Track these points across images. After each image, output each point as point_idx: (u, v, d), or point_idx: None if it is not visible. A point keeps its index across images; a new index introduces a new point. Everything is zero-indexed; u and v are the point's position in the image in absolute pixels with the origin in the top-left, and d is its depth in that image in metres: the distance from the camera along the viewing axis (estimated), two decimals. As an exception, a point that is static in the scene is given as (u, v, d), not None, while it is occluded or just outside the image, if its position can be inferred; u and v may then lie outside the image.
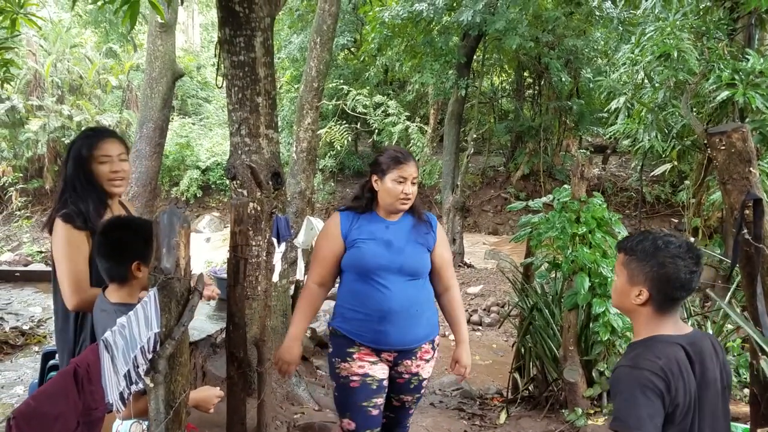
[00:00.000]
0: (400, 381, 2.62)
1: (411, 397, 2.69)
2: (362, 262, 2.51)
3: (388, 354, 2.55)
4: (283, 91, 17.17)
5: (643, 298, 1.68)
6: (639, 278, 1.69)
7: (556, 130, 17.45)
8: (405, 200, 2.53)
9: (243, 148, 3.64)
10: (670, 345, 1.64)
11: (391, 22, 11.68)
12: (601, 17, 12.42)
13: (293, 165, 8.75)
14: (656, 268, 1.66)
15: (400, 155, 2.55)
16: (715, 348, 1.73)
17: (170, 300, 1.65)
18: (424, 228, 2.61)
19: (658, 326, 1.69)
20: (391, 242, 2.53)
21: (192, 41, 26.49)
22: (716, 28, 5.90)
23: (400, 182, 2.51)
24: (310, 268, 2.69)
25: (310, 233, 4.29)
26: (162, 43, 9.76)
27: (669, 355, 1.61)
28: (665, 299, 1.67)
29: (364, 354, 2.55)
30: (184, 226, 1.68)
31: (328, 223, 2.66)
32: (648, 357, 1.61)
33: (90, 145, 2.44)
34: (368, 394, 2.57)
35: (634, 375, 1.59)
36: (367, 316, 2.51)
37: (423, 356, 2.60)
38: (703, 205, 6.87)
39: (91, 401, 1.50)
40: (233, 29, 3.54)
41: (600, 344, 4.20)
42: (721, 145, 2.02)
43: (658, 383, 1.56)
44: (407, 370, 2.59)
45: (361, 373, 2.55)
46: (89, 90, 17.57)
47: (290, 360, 2.66)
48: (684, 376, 1.60)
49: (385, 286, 2.48)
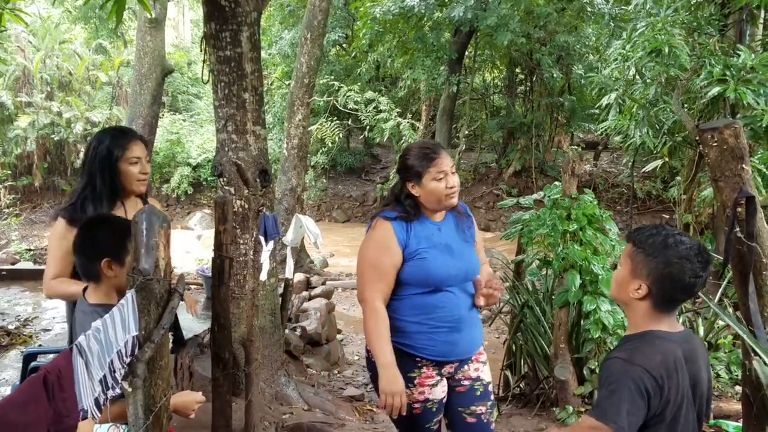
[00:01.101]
0: (460, 389, 2.41)
1: (484, 407, 2.42)
2: (430, 274, 2.30)
3: (450, 366, 2.37)
4: (274, 87, 17.10)
5: (642, 293, 1.64)
6: (642, 272, 1.64)
7: (548, 127, 17.45)
8: (452, 194, 2.33)
9: (230, 145, 3.59)
10: (666, 341, 1.62)
11: (383, 17, 11.64)
12: (593, 13, 12.44)
13: (284, 162, 8.69)
14: (661, 266, 1.61)
15: (429, 150, 2.34)
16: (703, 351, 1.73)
17: (149, 302, 1.61)
18: (467, 222, 2.46)
19: (655, 322, 1.66)
20: (450, 247, 2.35)
21: (182, 37, 26.30)
22: (707, 23, 5.89)
23: (440, 178, 2.30)
24: (367, 283, 2.34)
25: (299, 231, 4.25)
26: (151, 39, 9.67)
27: (667, 352, 1.59)
28: (664, 299, 1.64)
29: (425, 377, 2.34)
30: (164, 226, 1.64)
31: (379, 233, 2.35)
32: (645, 352, 1.59)
33: (123, 147, 2.51)
34: (429, 418, 2.40)
35: (627, 369, 1.56)
36: (436, 327, 2.30)
37: (478, 358, 2.45)
38: (694, 201, 6.87)
39: (62, 408, 1.45)
40: (219, 24, 3.48)
41: (591, 342, 4.18)
42: (713, 142, 1.99)
43: (649, 384, 1.53)
44: (465, 376, 2.41)
45: (422, 400, 2.34)
46: (79, 86, 17.45)
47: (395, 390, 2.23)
48: (678, 373, 1.58)
49: (453, 294, 2.33)
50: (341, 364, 6.08)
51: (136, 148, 2.54)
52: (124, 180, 2.53)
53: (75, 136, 16.38)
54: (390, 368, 2.25)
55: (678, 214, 7.22)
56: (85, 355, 1.49)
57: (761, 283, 2.06)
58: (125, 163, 2.51)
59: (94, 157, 2.50)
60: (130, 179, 2.54)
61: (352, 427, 4.14)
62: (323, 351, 5.78)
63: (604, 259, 4.19)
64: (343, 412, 4.46)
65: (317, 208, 18.57)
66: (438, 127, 13.47)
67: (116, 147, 2.50)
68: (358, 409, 4.66)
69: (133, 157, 2.52)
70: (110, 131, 2.59)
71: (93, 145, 2.53)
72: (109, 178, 2.49)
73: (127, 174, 2.53)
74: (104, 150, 2.49)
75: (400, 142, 15.07)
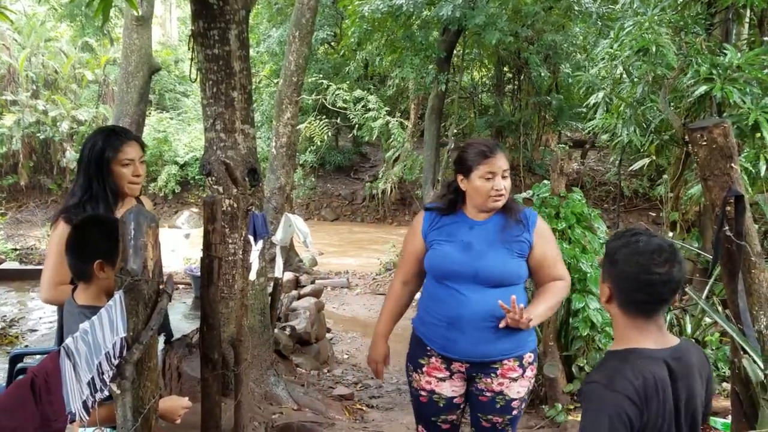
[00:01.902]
0: (482, 399, 2.38)
1: (501, 419, 2.40)
2: (434, 264, 2.37)
3: (460, 365, 2.35)
4: (263, 86, 17.04)
5: (605, 296, 1.60)
6: (605, 276, 1.61)
7: (536, 125, 17.51)
8: (497, 197, 2.30)
9: (218, 144, 3.56)
10: (651, 361, 1.54)
11: (371, 16, 11.61)
12: (580, 12, 12.46)
13: (272, 160, 8.66)
14: (617, 265, 1.56)
15: (485, 148, 2.32)
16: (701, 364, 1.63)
17: (138, 303, 1.59)
18: (518, 229, 2.33)
19: (636, 336, 1.57)
20: (472, 245, 2.31)
21: (169, 35, 26.15)
22: (694, 22, 5.92)
23: (488, 178, 2.28)
24: (398, 267, 2.62)
25: (289, 230, 4.23)
26: (138, 37, 9.59)
27: (647, 374, 1.51)
28: (627, 301, 1.56)
29: (433, 368, 2.40)
30: (152, 226, 1.62)
31: (414, 223, 2.52)
32: (625, 375, 1.51)
33: (115, 148, 2.46)
34: (436, 411, 2.46)
35: (607, 397, 1.49)
36: (438, 320, 2.35)
37: (506, 374, 2.33)
38: (681, 199, 6.91)
39: (50, 412, 1.44)
40: (207, 22, 3.45)
41: (580, 340, 4.21)
42: (702, 141, 2.00)
43: (630, 410, 1.47)
44: (488, 388, 2.35)
45: (428, 389, 2.42)
46: (64, 84, 17.32)
47: (375, 358, 2.54)
48: (660, 395, 1.51)
49: (459, 292, 2.30)
50: (331, 363, 6.07)
51: (129, 149, 2.49)
52: (116, 181, 2.49)
53: (61, 135, 16.24)
54: (377, 337, 2.56)
55: (665, 212, 7.27)
56: (72, 358, 1.47)
57: (750, 282, 2.07)
58: (117, 164, 2.46)
59: (90, 158, 2.46)
60: (122, 181, 2.49)
61: (342, 427, 4.13)
62: (313, 350, 5.77)
63: (593, 257, 4.21)
64: (332, 411, 4.45)
65: (306, 206, 18.53)
66: (427, 126, 13.47)
67: (108, 148, 2.45)
68: (348, 408, 4.65)
69: (126, 158, 2.47)
70: (104, 132, 2.54)
71: (88, 146, 2.49)
72: (104, 180, 2.46)
73: (119, 175, 2.48)
74: (98, 151, 2.45)
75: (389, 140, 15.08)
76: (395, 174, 16.16)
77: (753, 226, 2.11)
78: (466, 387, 2.44)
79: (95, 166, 2.45)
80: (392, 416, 4.53)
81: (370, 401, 5.04)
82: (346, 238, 16.20)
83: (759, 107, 4.75)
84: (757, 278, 2.07)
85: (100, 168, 2.45)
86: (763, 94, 4.99)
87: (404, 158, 15.42)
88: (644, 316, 1.56)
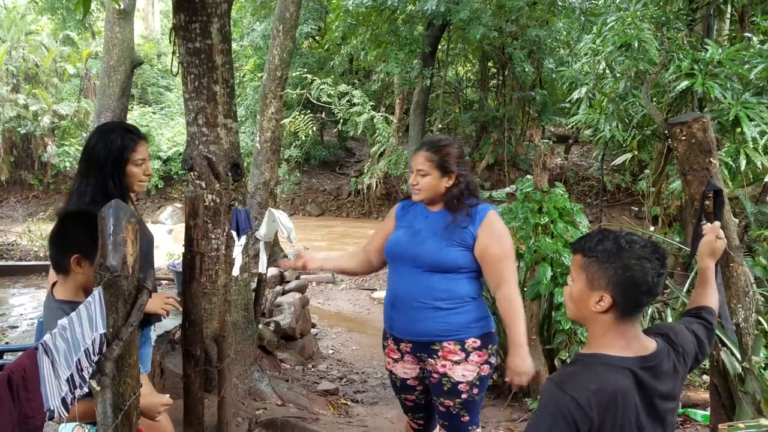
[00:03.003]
0: (432, 380, 2.51)
1: (451, 402, 2.47)
2: (387, 246, 2.60)
3: (405, 344, 2.53)
4: (246, 80, 16.93)
5: (605, 304, 1.49)
6: (600, 282, 1.49)
7: (520, 120, 17.57)
8: (414, 190, 2.52)
9: (200, 138, 3.54)
10: (611, 370, 1.48)
11: (355, 10, 11.59)
12: (564, 7, 12.53)
13: (257, 155, 8.61)
14: (621, 271, 1.47)
15: (420, 144, 2.57)
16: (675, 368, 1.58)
17: (117, 299, 1.58)
18: (464, 223, 2.44)
19: (610, 342, 1.52)
20: (420, 232, 2.51)
21: (152, 28, 25.89)
22: (676, 18, 5.97)
23: (411, 172, 2.53)
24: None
25: (272, 225, 4.21)
26: (120, 30, 9.47)
27: (605, 383, 1.46)
28: (630, 305, 1.50)
29: (390, 350, 2.62)
30: (131, 221, 1.61)
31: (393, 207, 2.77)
32: (580, 380, 1.47)
33: (132, 148, 2.42)
34: (396, 390, 2.72)
35: (555, 396, 1.45)
36: (386, 300, 2.59)
37: (447, 356, 2.42)
38: (663, 193, 6.98)
39: (28, 409, 1.42)
40: (188, 15, 3.42)
41: (562, 333, 4.24)
42: (681, 136, 2.01)
43: (576, 413, 1.42)
44: (434, 369, 2.47)
45: (389, 369, 2.68)
46: (45, 78, 17.07)
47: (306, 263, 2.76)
48: (619, 407, 1.45)
49: (398, 273, 2.52)
50: (315, 358, 6.07)
51: (142, 148, 2.45)
52: (128, 181, 2.44)
53: (42, 129, 16.02)
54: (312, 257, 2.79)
55: (646, 207, 7.34)
56: (51, 354, 1.45)
57: (728, 275, 2.10)
58: (132, 164, 2.42)
59: (106, 157, 2.37)
60: (134, 180, 2.45)
61: (327, 422, 4.13)
62: (297, 346, 5.76)
63: (576, 252, 4.24)
64: (317, 406, 4.45)
65: (291, 202, 18.47)
66: (412, 121, 13.47)
67: (127, 147, 2.40)
68: (333, 404, 4.66)
69: (140, 158, 2.43)
70: (118, 130, 2.45)
71: (103, 144, 2.38)
72: (119, 179, 2.40)
73: (132, 174, 2.43)
74: (116, 150, 2.38)
75: (374, 135, 15.07)
76: (380, 169, 16.15)
77: (731, 220, 2.13)
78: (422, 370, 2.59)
79: (113, 165, 2.37)
80: (377, 410, 4.54)
81: (355, 396, 5.05)
82: (332, 234, 16.17)
83: (740, 102, 4.80)
84: (735, 272, 2.10)
85: (117, 167, 2.38)
86: (744, 90, 5.04)
87: (389, 153, 15.41)
88: (633, 319, 1.52)
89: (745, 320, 2.10)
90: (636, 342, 1.53)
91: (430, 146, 2.49)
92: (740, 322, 2.09)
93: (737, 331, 2.09)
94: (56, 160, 16.37)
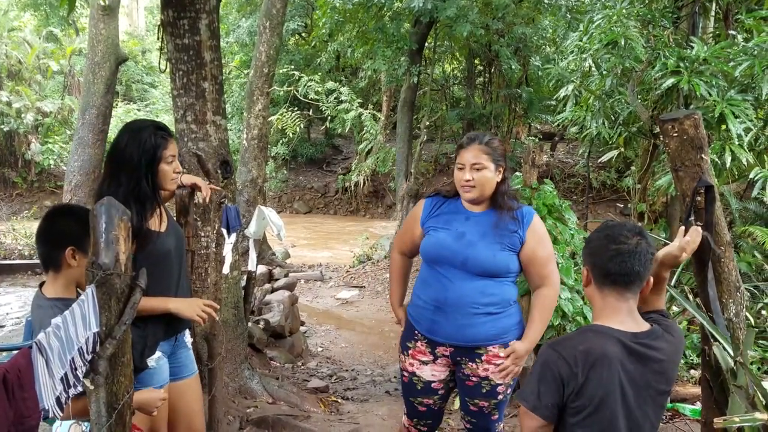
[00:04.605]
0: (469, 384, 2.46)
1: (487, 403, 2.47)
2: (428, 249, 2.47)
3: (444, 349, 2.44)
4: (233, 77, 16.84)
5: (585, 279, 1.75)
6: (584, 259, 1.76)
7: (506, 118, 17.62)
8: (466, 188, 2.39)
9: (189, 135, 3.51)
10: (601, 336, 1.65)
11: (342, 6, 11.56)
12: (550, 5, 12.57)
13: (244, 153, 8.56)
14: (591, 245, 1.73)
15: (465, 139, 2.45)
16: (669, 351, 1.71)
17: (110, 297, 1.57)
18: (512, 225, 2.40)
19: (606, 316, 1.70)
20: (465, 234, 2.39)
21: (136, 25, 25.68)
22: (662, 16, 6.01)
23: (460, 168, 2.40)
24: (394, 244, 2.80)
25: (262, 223, 4.20)
26: (104, 27, 9.37)
27: (592, 344, 1.63)
28: (601, 276, 1.69)
29: (418, 351, 2.51)
30: (123, 219, 1.59)
31: (416, 206, 2.64)
32: (571, 341, 1.68)
33: (165, 145, 2.35)
34: (413, 393, 2.58)
35: (546, 354, 1.67)
36: (426, 303, 2.45)
37: (492, 360, 2.39)
38: (649, 190, 7.03)
39: (23, 409, 1.41)
40: (177, 11, 3.39)
41: (551, 329, 4.26)
42: (673, 132, 2.03)
43: (562, 368, 1.62)
44: (474, 374, 2.42)
45: (410, 371, 2.55)
46: (29, 75, 16.87)
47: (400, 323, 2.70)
48: (604, 369, 1.60)
49: (446, 278, 2.39)
50: (305, 356, 6.06)
51: (172, 146, 2.39)
52: (160, 179, 2.37)
53: (26, 127, 15.84)
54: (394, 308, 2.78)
55: (632, 203, 7.39)
56: (45, 353, 1.44)
57: (720, 270, 2.12)
58: (164, 162, 2.36)
59: (140, 157, 2.29)
60: (166, 178, 2.38)
61: (318, 419, 4.13)
62: (287, 343, 5.75)
63: (564, 248, 4.27)
64: (307, 404, 4.45)
65: (279, 199, 18.42)
66: (399, 118, 13.47)
67: (160, 146, 2.33)
68: (323, 401, 4.65)
69: (170, 155, 2.37)
70: (149, 128, 2.37)
71: (136, 144, 2.30)
72: (153, 177, 2.34)
73: (163, 173, 2.36)
74: (150, 149, 2.31)
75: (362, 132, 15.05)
76: (368, 166, 16.14)
77: (722, 216, 2.15)
78: (452, 373, 2.52)
79: (147, 165, 2.30)
80: (367, 408, 4.55)
81: (345, 393, 5.05)
82: (320, 231, 16.15)
83: (725, 100, 4.85)
84: (726, 267, 2.12)
85: (150, 166, 2.31)
86: (729, 87, 5.09)
87: (377, 150, 15.40)
88: (616, 292, 1.68)
89: (736, 315, 2.12)
90: (630, 320, 1.70)
91: (482, 140, 2.41)
92: (732, 317, 2.12)
93: (729, 326, 2.12)
94: (40, 158, 16.20)
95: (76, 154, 9.15)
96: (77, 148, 9.17)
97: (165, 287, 2.35)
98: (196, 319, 2.36)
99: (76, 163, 9.10)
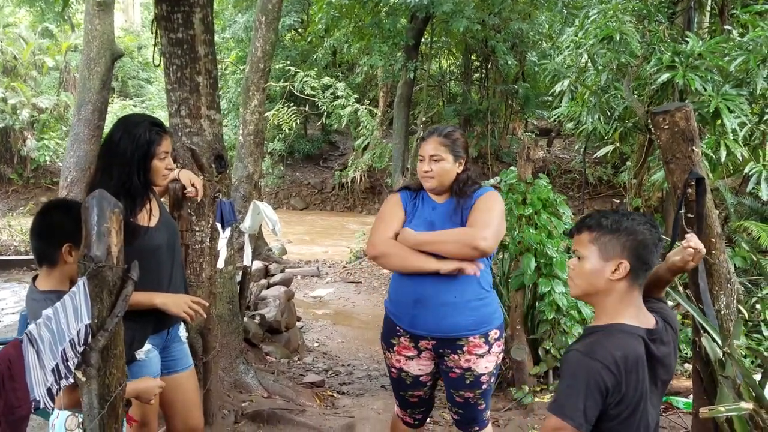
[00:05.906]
0: (452, 375, 2.47)
1: (472, 394, 2.49)
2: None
3: (426, 342, 2.44)
4: (229, 73, 16.79)
5: (623, 270, 1.58)
6: (615, 251, 1.59)
7: (503, 114, 17.64)
8: (425, 178, 2.47)
9: (183, 130, 3.50)
10: (631, 336, 1.57)
11: (338, 2, 11.54)
12: (546, 0, 12.56)
13: (240, 148, 8.54)
14: (632, 236, 1.59)
15: (426, 132, 2.55)
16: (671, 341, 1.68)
17: (102, 290, 1.57)
18: (466, 205, 2.44)
19: (622, 312, 1.61)
20: (434, 224, 2.44)
21: (132, 20, 25.61)
22: (657, 11, 6.01)
23: (420, 160, 2.50)
24: (375, 231, 2.51)
25: (257, 218, 4.20)
26: (100, 23, 9.33)
27: (627, 348, 1.54)
28: (642, 267, 1.60)
29: (403, 347, 2.51)
30: (115, 212, 1.59)
31: (388, 203, 2.60)
32: (606, 346, 1.54)
33: (158, 141, 2.35)
34: (404, 387, 2.61)
35: (585, 364, 1.52)
36: (406, 298, 2.44)
37: (473, 350, 2.40)
38: (644, 185, 7.04)
39: (14, 399, 1.41)
40: (170, 5, 3.38)
41: (546, 323, 4.28)
42: (664, 125, 2.04)
43: (607, 379, 1.50)
44: (456, 365, 2.44)
45: (397, 367, 2.57)
46: (24, 71, 16.84)
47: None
48: (639, 371, 1.54)
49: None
50: (301, 351, 6.07)
51: (166, 142, 2.39)
52: (152, 175, 2.37)
53: (21, 123, 15.80)
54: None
55: (628, 199, 7.40)
56: (36, 344, 1.44)
57: (710, 262, 2.13)
58: (157, 158, 2.35)
59: (134, 152, 2.29)
60: (158, 174, 2.38)
61: (313, 413, 4.14)
62: (283, 339, 5.76)
63: (559, 243, 4.28)
64: (303, 398, 4.45)
65: (275, 195, 18.40)
66: (396, 114, 13.46)
67: (154, 141, 2.33)
68: (319, 396, 4.66)
69: (164, 151, 2.37)
70: (145, 123, 2.37)
71: (129, 138, 2.30)
72: (145, 174, 2.33)
73: (155, 169, 2.36)
74: (143, 145, 2.30)
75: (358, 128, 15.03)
76: (364, 162, 16.14)
77: (712, 209, 2.16)
78: (436, 365, 2.54)
79: (140, 160, 2.30)
80: (363, 402, 4.56)
81: (341, 388, 5.06)
82: (316, 227, 16.15)
83: (720, 94, 4.85)
84: (717, 259, 2.13)
85: (142, 162, 2.31)
86: (724, 82, 5.09)
87: (373, 146, 15.40)
88: (640, 286, 1.63)
89: (726, 306, 2.13)
90: (642, 314, 1.64)
91: (441, 132, 2.49)
92: (722, 308, 2.13)
93: (718, 317, 2.13)
94: (36, 154, 16.16)
95: (72, 150, 9.12)
96: (73, 144, 9.14)
97: (155, 282, 2.33)
98: (182, 315, 2.34)
99: (72, 159, 9.07)
